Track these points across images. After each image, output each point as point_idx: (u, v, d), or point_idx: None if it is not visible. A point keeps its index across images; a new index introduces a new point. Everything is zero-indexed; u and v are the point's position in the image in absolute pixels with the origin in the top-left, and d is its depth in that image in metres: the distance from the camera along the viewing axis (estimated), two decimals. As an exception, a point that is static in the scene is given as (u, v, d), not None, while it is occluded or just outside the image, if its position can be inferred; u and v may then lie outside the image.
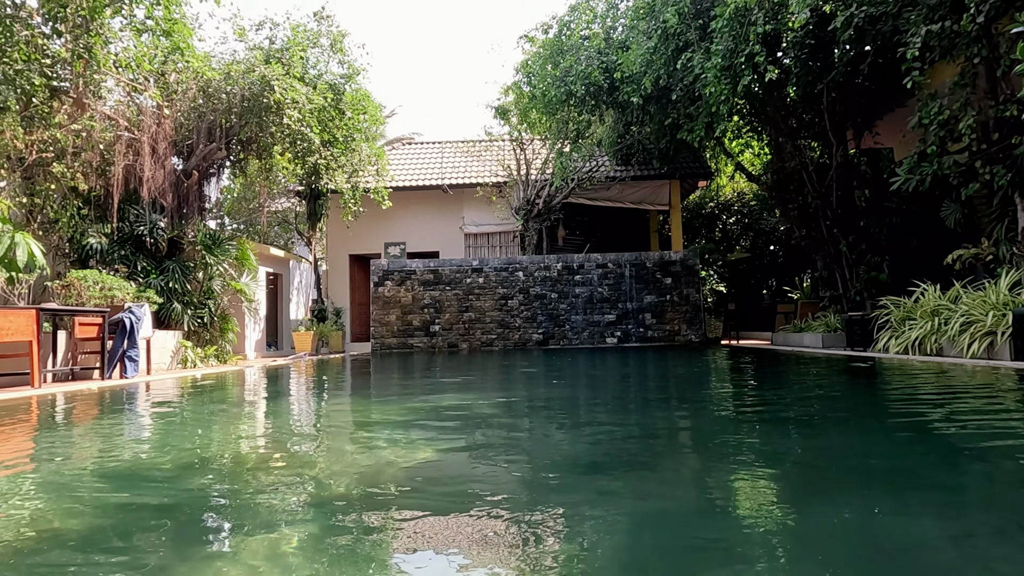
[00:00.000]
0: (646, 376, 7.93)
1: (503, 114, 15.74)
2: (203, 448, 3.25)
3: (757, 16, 9.41)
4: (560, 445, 3.18)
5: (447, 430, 3.61)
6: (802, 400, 4.85)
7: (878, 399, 4.87)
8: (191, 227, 11.68)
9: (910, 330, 8.34)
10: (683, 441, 3.27)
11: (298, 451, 3.14)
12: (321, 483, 2.40)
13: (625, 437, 3.31)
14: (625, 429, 3.60)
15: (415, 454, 2.85)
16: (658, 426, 3.69)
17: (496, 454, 2.87)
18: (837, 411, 4.27)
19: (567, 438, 3.36)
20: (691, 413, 4.36)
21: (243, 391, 6.93)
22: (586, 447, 3.06)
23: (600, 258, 14.60)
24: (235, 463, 2.88)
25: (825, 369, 8.30)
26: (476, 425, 3.79)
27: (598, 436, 3.36)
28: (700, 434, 3.45)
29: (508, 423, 3.97)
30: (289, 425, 4.23)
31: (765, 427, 3.53)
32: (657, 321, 14.28)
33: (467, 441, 3.24)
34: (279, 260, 17.89)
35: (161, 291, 10.88)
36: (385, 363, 11.97)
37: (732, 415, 4.20)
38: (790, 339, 13.00)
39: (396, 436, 3.34)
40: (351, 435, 3.63)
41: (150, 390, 7.13)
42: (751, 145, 17.52)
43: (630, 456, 2.81)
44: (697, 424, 3.82)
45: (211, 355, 11.65)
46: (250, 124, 12.38)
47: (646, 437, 3.30)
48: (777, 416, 3.98)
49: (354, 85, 14.40)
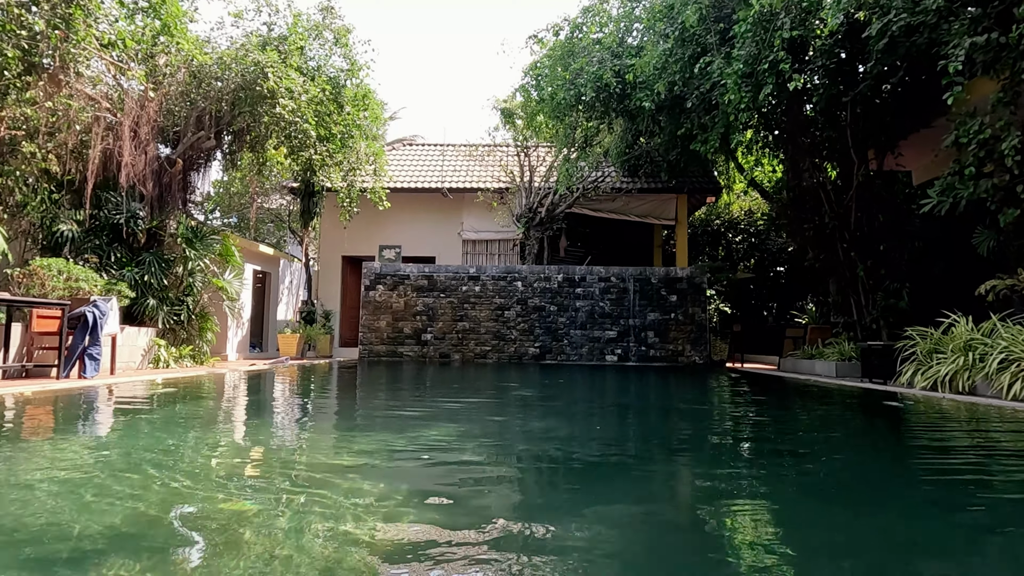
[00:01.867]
0: (647, 407, 7.26)
1: (509, 117, 15.15)
2: (70, 510, 2.57)
3: (783, 21, 8.82)
4: (557, 541, 2.51)
5: (408, 497, 2.92)
6: (832, 450, 4.18)
7: (929, 455, 4.19)
8: (173, 218, 11.00)
9: (939, 364, 7.68)
10: (687, 523, 2.60)
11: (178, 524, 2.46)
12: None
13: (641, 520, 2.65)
14: (629, 510, 2.94)
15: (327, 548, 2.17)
16: (664, 497, 3.01)
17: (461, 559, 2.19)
18: (883, 472, 3.60)
19: (562, 522, 2.69)
20: (699, 472, 3.69)
21: (195, 406, 6.23)
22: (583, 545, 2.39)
23: (603, 271, 13.95)
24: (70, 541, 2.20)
25: (848, 405, 7.63)
26: (449, 485, 3.11)
27: (604, 523, 2.69)
28: (710, 513, 2.77)
29: (489, 486, 3.29)
30: (206, 470, 3.54)
31: (788, 498, 2.87)
32: (660, 340, 13.62)
33: (422, 517, 2.57)
34: (268, 258, 17.21)
35: (135, 285, 10.19)
36: (371, 374, 11.28)
37: (748, 475, 3.52)
38: (799, 365, 12.35)
39: (336, 501, 2.64)
40: (266, 493, 2.94)
41: (98, 396, 6.43)
42: (762, 162, 16.97)
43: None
44: (706, 494, 3.15)
45: (186, 355, 10.95)
46: (243, 114, 11.74)
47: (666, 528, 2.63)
48: (805, 479, 3.31)
49: (356, 81, 13.79)
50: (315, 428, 4.76)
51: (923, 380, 7.81)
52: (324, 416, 5.53)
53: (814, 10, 8.73)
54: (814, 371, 11.65)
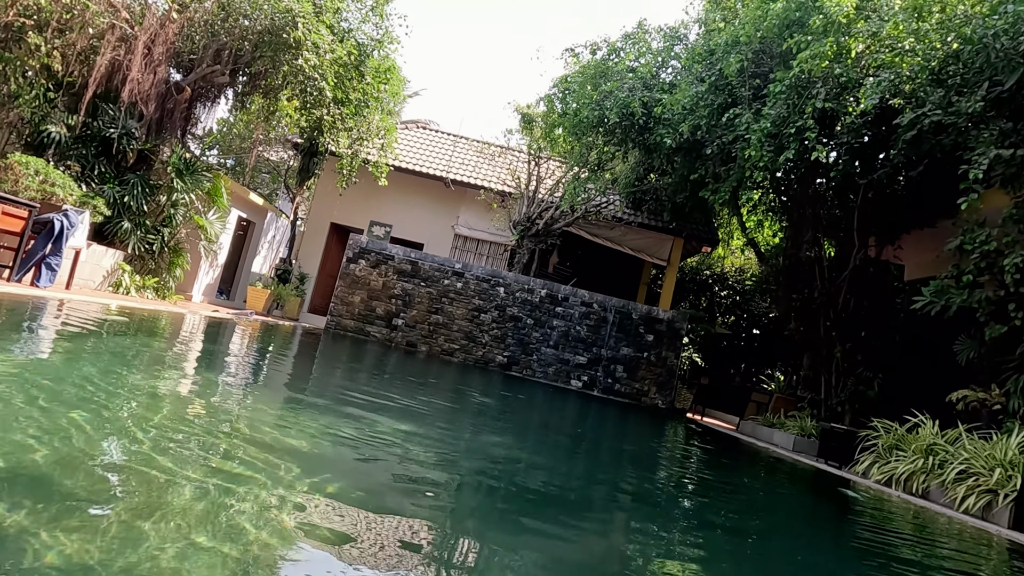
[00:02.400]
0: (600, 446, 7.11)
1: (528, 123, 15.00)
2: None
3: (819, 90, 8.80)
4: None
5: (334, 494, 2.72)
6: (771, 530, 4.05)
7: (871, 560, 4.08)
8: (167, 145, 10.64)
9: (898, 462, 7.64)
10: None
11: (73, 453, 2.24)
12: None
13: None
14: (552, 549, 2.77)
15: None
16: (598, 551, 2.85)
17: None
18: (813, 551, 3.47)
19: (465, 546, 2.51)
20: (626, 534, 3.54)
21: (144, 343, 5.93)
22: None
23: (587, 295, 13.83)
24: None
25: (799, 483, 7.56)
26: (384, 482, 2.92)
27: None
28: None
29: (418, 503, 3.10)
30: (128, 420, 3.30)
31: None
32: (628, 376, 13.51)
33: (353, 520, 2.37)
34: (257, 207, 16.81)
35: (113, 203, 9.81)
36: (333, 348, 10.99)
37: (673, 546, 3.37)
38: (758, 431, 12.31)
39: (254, 485, 2.44)
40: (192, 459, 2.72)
41: (45, 309, 6.10)
42: (763, 225, 17.04)
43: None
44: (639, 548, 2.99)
45: (150, 286, 10.56)
46: (263, 58, 11.44)
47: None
48: (734, 561, 3.16)
49: (383, 53, 13.55)
50: (260, 396, 4.51)
51: (879, 473, 7.76)
52: (274, 385, 5.27)
53: (851, 87, 8.72)
54: (772, 440, 11.61)
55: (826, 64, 8.43)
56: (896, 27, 7.78)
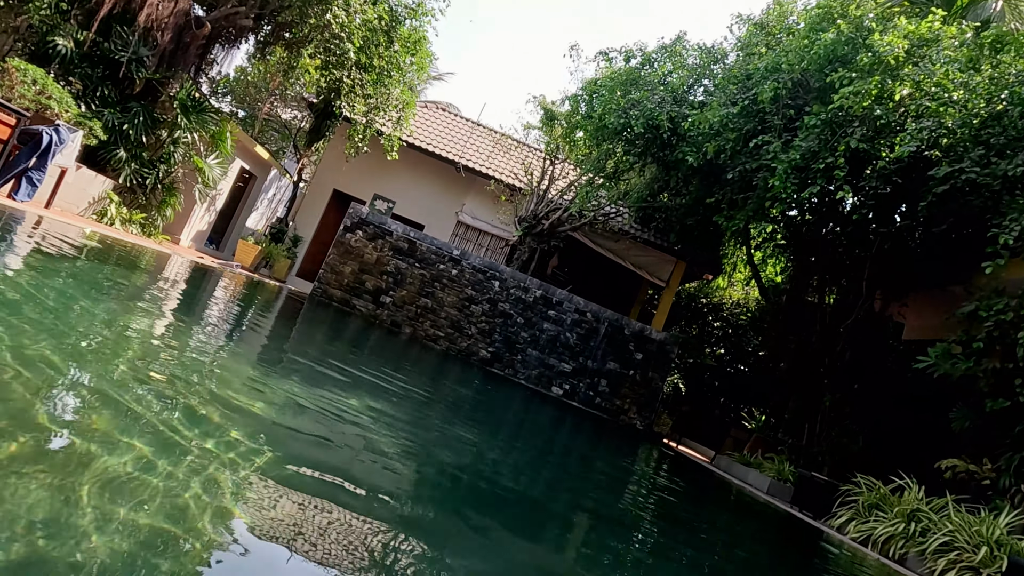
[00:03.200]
0: (570, 460, 6.79)
1: (550, 119, 14.66)
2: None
3: (855, 129, 8.52)
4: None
5: (282, 474, 2.37)
6: (737, 566, 3.73)
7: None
8: (177, 80, 10.22)
9: (877, 522, 7.35)
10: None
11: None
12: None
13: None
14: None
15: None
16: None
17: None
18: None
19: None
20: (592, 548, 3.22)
21: (119, 278, 5.56)
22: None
23: (581, 303, 13.50)
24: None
25: (771, 527, 7.26)
26: (349, 450, 2.57)
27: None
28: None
29: (365, 496, 2.76)
30: (87, 361, 2.94)
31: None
32: (610, 391, 13.18)
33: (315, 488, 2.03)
34: (261, 161, 16.38)
35: (111, 129, 9.38)
36: (315, 316, 10.61)
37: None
38: (733, 468, 12.02)
39: (202, 453, 2.10)
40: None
41: (18, 225, 5.71)
42: (769, 261, 16.79)
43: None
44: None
45: (136, 221, 10.14)
46: (292, 7, 11.04)
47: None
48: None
49: (415, 23, 13.18)
50: (231, 355, 4.15)
51: (856, 531, 7.47)
52: (247, 345, 4.89)
53: (888, 131, 8.43)
54: (746, 479, 11.32)
55: (867, 103, 8.15)
56: (947, 75, 7.50)
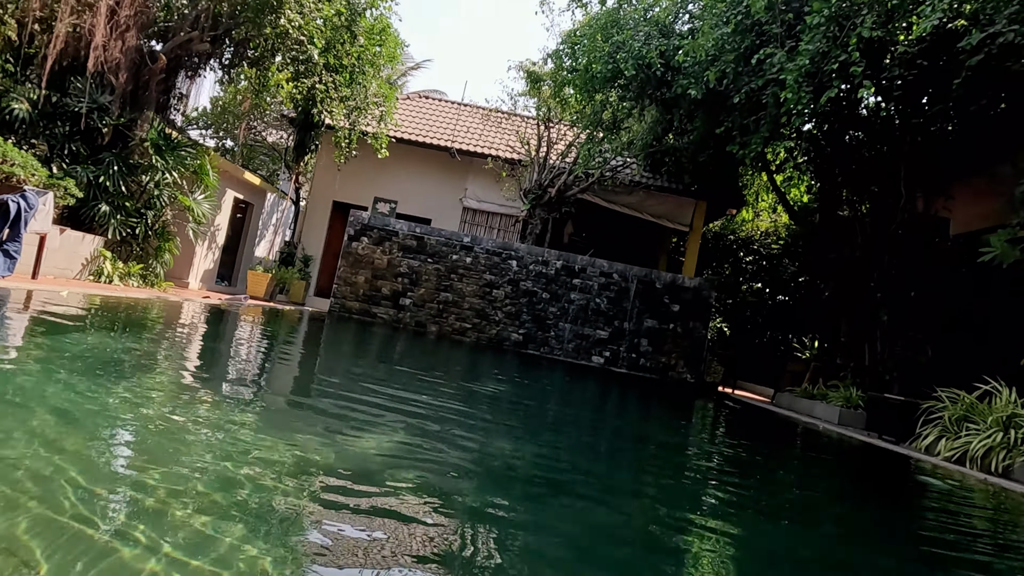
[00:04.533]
0: (623, 432, 6.27)
1: (535, 83, 13.95)
2: None
3: (865, 17, 7.70)
4: None
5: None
6: (844, 517, 3.18)
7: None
8: (145, 121, 9.81)
9: (971, 435, 6.70)
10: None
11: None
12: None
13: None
14: None
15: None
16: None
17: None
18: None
19: None
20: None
21: (102, 338, 5.15)
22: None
23: (606, 266, 12.89)
24: None
25: (864, 465, 6.64)
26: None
27: None
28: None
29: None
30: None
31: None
32: (653, 350, 12.61)
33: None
34: (254, 188, 16.02)
35: (88, 185, 9.03)
36: (335, 335, 10.21)
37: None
38: (797, 404, 11.39)
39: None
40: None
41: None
42: (792, 181, 15.89)
43: None
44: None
45: (135, 274, 9.83)
46: (245, 21, 10.51)
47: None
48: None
49: (376, 12, 12.55)
50: (220, 403, 3.69)
51: (948, 449, 6.84)
52: (242, 388, 4.41)
53: (903, 11, 7.60)
54: (813, 413, 10.69)
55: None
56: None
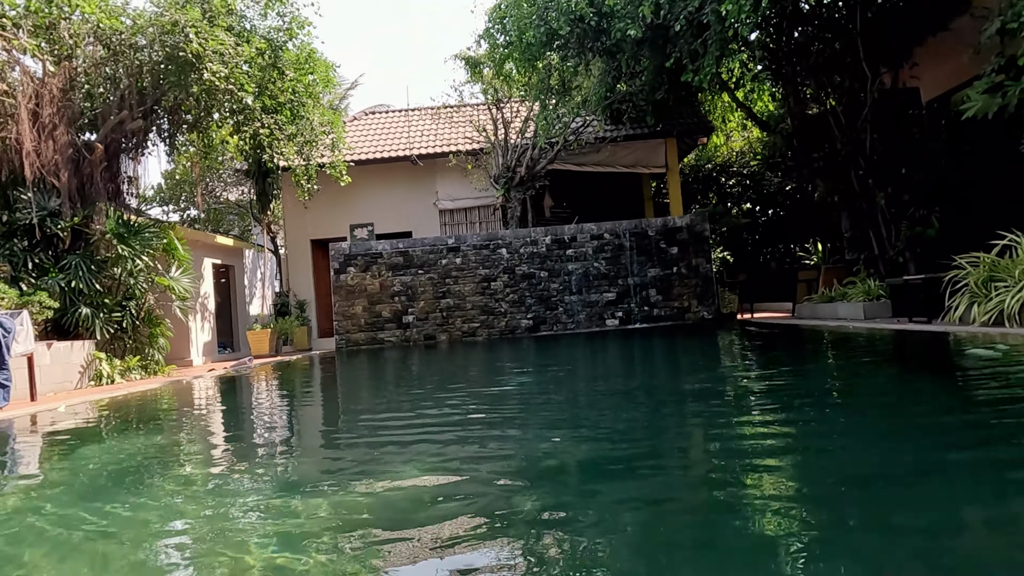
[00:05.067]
0: (654, 380, 6.09)
1: (475, 67, 13.66)
2: None
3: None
4: None
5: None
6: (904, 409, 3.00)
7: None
8: (99, 213, 9.57)
9: (1002, 294, 6.52)
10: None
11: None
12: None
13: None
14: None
15: None
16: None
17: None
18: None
19: None
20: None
21: (108, 446, 4.97)
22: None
23: (595, 228, 12.69)
24: None
25: (890, 353, 6.46)
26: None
27: None
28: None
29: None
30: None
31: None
32: (663, 298, 12.43)
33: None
34: (229, 250, 15.78)
35: (62, 293, 8.82)
36: (346, 370, 10.03)
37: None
38: (819, 310, 11.22)
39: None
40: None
41: (3, 433, 5.15)
42: (755, 93, 15.62)
43: None
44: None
45: (135, 367, 9.63)
46: (170, 87, 10.23)
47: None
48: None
49: (296, 41, 12.24)
50: (259, 478, 3.49)
51: (983, 314, 6.67)
52: (273, 455, 4.18)
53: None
54: (836, 315, 10.53)
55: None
56: None
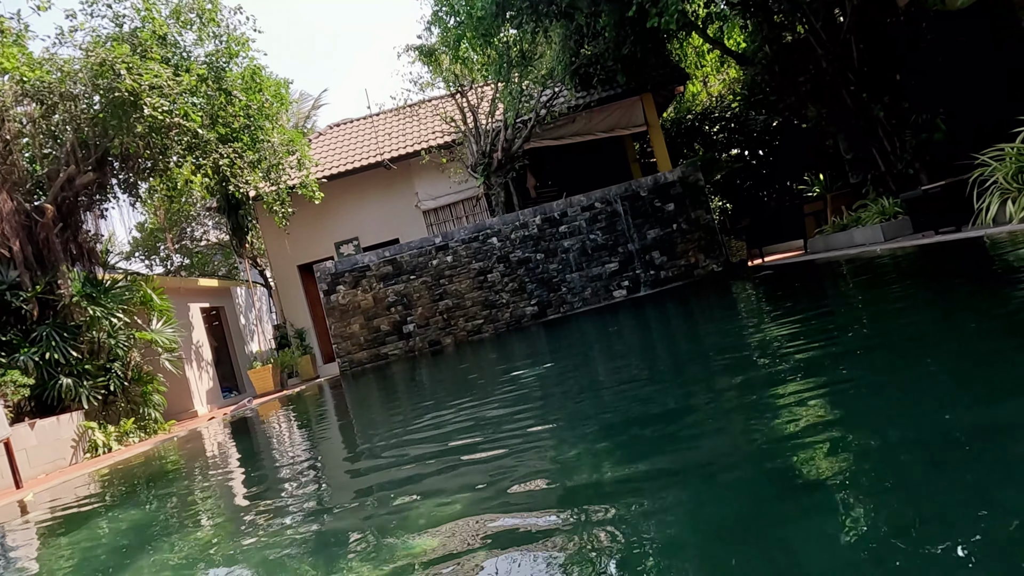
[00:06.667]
0: (674, 346, 5.51)
1: (430, 56, 13.00)
2: None
3: None
4: None
5: None
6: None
7: None
8: (62, 277, 9.01)
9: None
10: None
11: None
12: None
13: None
14: None
15: None
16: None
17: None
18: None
19: None
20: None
21: (78, 536, 4.42)
22: None
23: (584, 199, 12.07)
24: None
25: (926, 270, 5.83)
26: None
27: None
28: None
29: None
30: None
31: None
32: (668, 258, 11.82)
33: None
34: (216, 291, 15.24)
35: (37, 367, 8.28)
36: (355, 392, 9.47)
37: None
38: (833, 241, 10.60)
39: None
40: None
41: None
42: (723, 29, 14.92)
43: None
44: None
45: (130, 430, 9.10)
46: (113, 132, 9.64)
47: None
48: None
49: (239, 61, 11.61)
50: (284, 529, 2.94)
51: (1020, 209, 6.05)
52: (296, 500, 3.61)
53: None
54: (853, 242, 9.90)
55: None
56: None
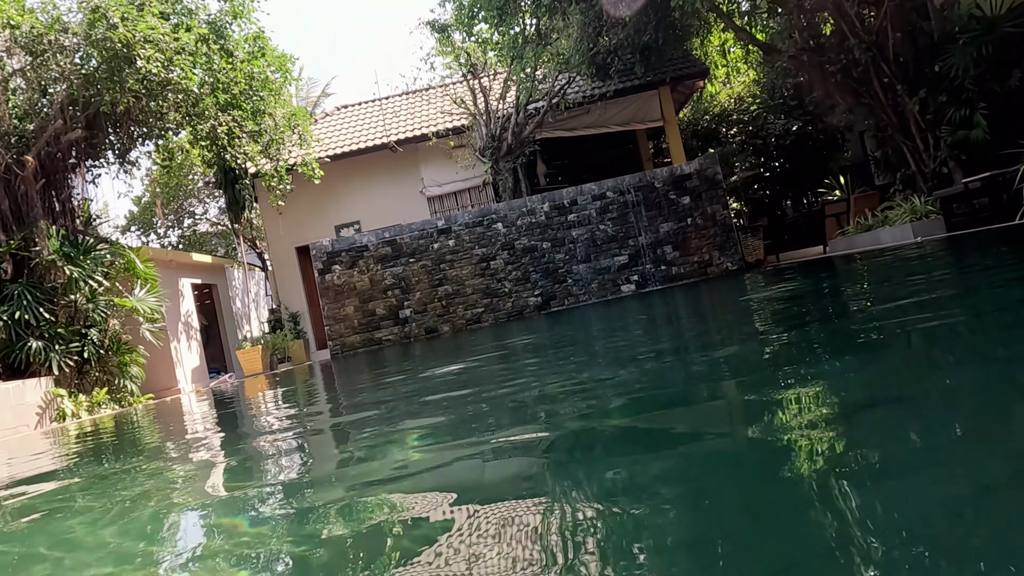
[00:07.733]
0: (687, 349, 4.95)
1: (443, 32, 12.51)
2: None
3: None
4: None
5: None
6: None
7: None
8: (40, 235, 8.51)
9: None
10: None
11: None
12: None
13: None
14: None
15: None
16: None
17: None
18: None
19: None
20: None
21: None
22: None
23: (595, 188, 11.52)
24: None
25: (975, 265, 5.24)
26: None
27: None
28: None
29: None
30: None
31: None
32: (680, 253, 11.25)
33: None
34: (210, 268, 14.74)
35: (5, 327, 7.77)
36: (348, 377, 8.89)
37: None
38: (856, 242, 10.02)
39: None
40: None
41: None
42: (751, 22, 14.38)
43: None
44: None
45: (103, 401, 8.57)
46: (104, 88, 9.15)
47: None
48: None
49: (244, 22, 11.15)
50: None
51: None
52: (243, 494, 3.10)
53: None
54: (879, 242, 9.33)
55: None
56: None
